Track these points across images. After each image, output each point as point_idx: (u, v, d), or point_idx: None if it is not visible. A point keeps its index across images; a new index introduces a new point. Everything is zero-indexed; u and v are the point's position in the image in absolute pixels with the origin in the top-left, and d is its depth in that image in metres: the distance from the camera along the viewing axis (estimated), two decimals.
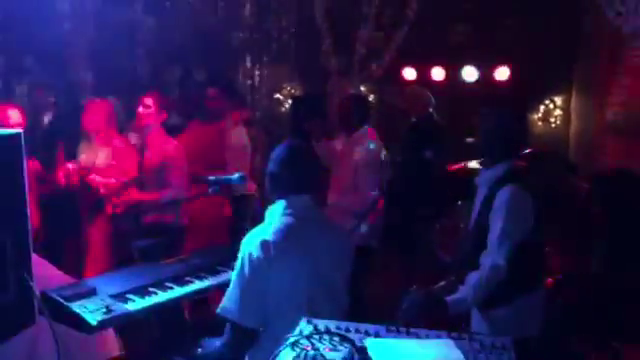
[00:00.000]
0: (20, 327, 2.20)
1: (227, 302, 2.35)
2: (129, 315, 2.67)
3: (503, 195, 2.64)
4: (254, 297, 2.31)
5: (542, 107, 7.01)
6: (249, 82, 7.27)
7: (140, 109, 4.24)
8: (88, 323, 2.49)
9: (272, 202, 2.49)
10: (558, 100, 6.99)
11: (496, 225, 2.63)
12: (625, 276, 3.45)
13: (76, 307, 2.54)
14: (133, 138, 4.74)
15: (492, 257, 2.60)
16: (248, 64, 7.30)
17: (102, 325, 2.54)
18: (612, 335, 3.33)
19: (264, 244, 2.31)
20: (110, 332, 3.02)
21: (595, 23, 5.79)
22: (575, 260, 3.98)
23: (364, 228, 4.17)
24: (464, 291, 2.63)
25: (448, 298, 2.62)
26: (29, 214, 2.16)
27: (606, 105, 5.72)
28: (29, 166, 3.54)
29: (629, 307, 3.35)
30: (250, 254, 2.31)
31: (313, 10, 6.60)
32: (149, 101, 4.22)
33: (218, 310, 2.36)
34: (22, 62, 6.33)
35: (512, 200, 2.63)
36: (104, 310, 2.55)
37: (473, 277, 2.63)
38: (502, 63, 6.75)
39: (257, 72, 7.28)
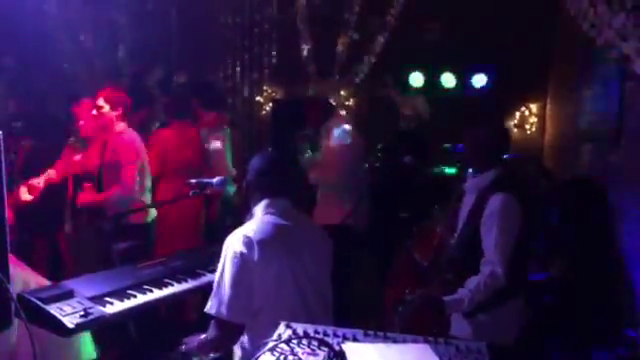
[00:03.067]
0: None
1: (213, 300, 2.40)
2: (107, 318, 2.65)
3: (494, 202, 2.70)
4: (240, 293, 2.36)
5: (518, 114, 7.12)
6: (229, 84, 7.25)
7: (93, 112, 4.20)
8: (65, 326, 2.47)
9: (252, 207, 2.56)
10: (533, 107, 7.11)
11: (490, 233, 2.67)
12: (590, 280, 3.53)
13: (53, 310, 2.51)
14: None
15: (491, 265, 2.64)
16: (228, 66, 7.29)
17: (79, 328, 2.52)
18: (581, 338, 3.41)
19: (246, 240, 2.38)
20: (87, 334, 3.00)
21: (569, 33, 5.90)
22: (547, 264, 4.06)
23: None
24: (462, 293, 2.67)
25: (446, 298, 2.67)
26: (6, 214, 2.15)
27: (579, 113, 5.84)
28: None
29: (595, 310, 3.43)
30: (233, 251, 2.37)
31: (294, 14, 6.61)
32: (100, 101, 4.16)
33: (206, 309, 2.41)
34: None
35: (504, 207, 2.69)
36: (81, 313, 2.53)
37: (472, 281, 2.67)
38: (479, 70, 6.84)
39: (237, 74, 7.28)
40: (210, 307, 2.40)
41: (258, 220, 2.49)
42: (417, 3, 6.53)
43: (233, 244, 2.39)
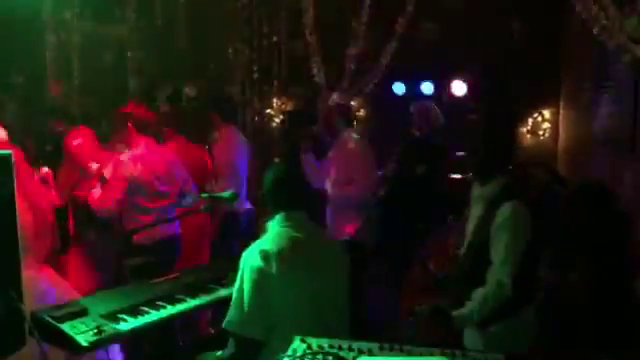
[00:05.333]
0: (10, 349, 2.17)
1: (230, 316, 2.39)
2: (121, 335, 2.65)
3: (505, 212, 2.64)
4: (257, 308, 2.35)
5: (530, 120, 7.07)
6: (239, 97, 7.25)
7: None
8: (79, 344, 2.47)
9: (269, 218, 2.56)
10: (546, 113, 7.05)
11: (500, 243, 2.62)
12: (608, 285, 3.47)
13: (67, 328, 2.53)
14: None
15: (497, 275, 2.60)
16: (238, 79, 7.31)
17: (93, 346, 2.52)
18: (597, 347, 3.34)
19: (264, 254, 2.37)
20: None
21: (580, 37, 5.86)
22: (562, 273, 3.99)
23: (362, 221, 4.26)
24: (470, 306, 2.63)
25: (454, 312, 2.62)
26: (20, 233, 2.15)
27: (593, 118, 5.78)
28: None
29: (609, 318, 3.37)
30: (251, 265, 2.36)
31: (302, 26, 6.63)
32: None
33: (224, 325, 2.39)
34: (9, 78, 6.31)
35: (514, 217, 2.62)
36: (95, 330, 2.53)
37: (479, 293, 2.63)
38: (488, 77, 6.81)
39: (247, 87, 7.29)
40: (228, 322, 2.38)
41: (275, 234, 2.48)
42: (424, 11, 6.53)
43: (251, 258, 2.38)
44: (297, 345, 1.98)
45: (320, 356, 1.86)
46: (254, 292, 2.34)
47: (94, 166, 4.22)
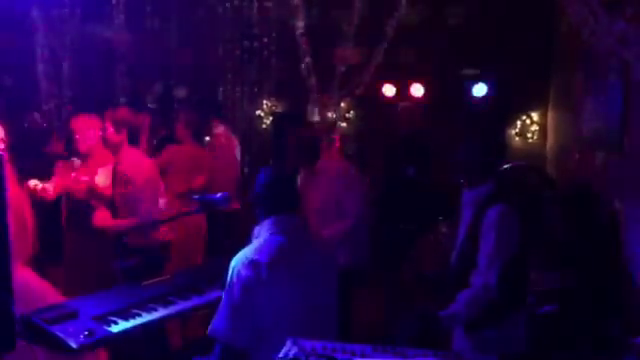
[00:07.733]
0: None
1: (217, 323, 2.35)
2: (112, 337, 2.63)
3: (492, 215, 2.66)
4: (244, 317, 2.31)
5: (519, 122, 7.10)
6: (229, 98, 7.25)
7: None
8: (70, 346, 2.45)
9: (259, 221, 2.51)
10: (535, 115, 7.10)
11: (486, 245, 2.65)
12: (599, 289, 3.50)
13: (57, 330, 2.50)
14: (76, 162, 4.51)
15: (483, 277, 2.62)
16: (228, 80, 7.30)
17: (84, 348, 2.50)
18: (591, 348, 3.37)
19: (254, 263, 2.33)
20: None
21: (569, 40, 5.91)
22: (554, 274, 4.02)
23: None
24: (455, 308, 2.65)
25: (441, 313, 2.64)
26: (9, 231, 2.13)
27: (581, 120, 5.82)
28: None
29: (604, 318, 3.40)
30: (239, 273, 2.32)
31: (292, 27, 6.63)
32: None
33: (208, 331, 2.36)
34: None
35: (501, 220, 2.66)
36: (86, 333, 2.52)
37: (464, 295, 2.65)
38: (480, 79, 6.84)
39: (237, 88, 7.28)
40: (214, 330, 2.35)
41: (265, 240, 2.43)
42: (415, 13, 6.56)
43: (240, 266, 2.34)
44: (289, 347, 1.97)
45: (313, 358, 1.86)
46: (243, 301, 2.31)
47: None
